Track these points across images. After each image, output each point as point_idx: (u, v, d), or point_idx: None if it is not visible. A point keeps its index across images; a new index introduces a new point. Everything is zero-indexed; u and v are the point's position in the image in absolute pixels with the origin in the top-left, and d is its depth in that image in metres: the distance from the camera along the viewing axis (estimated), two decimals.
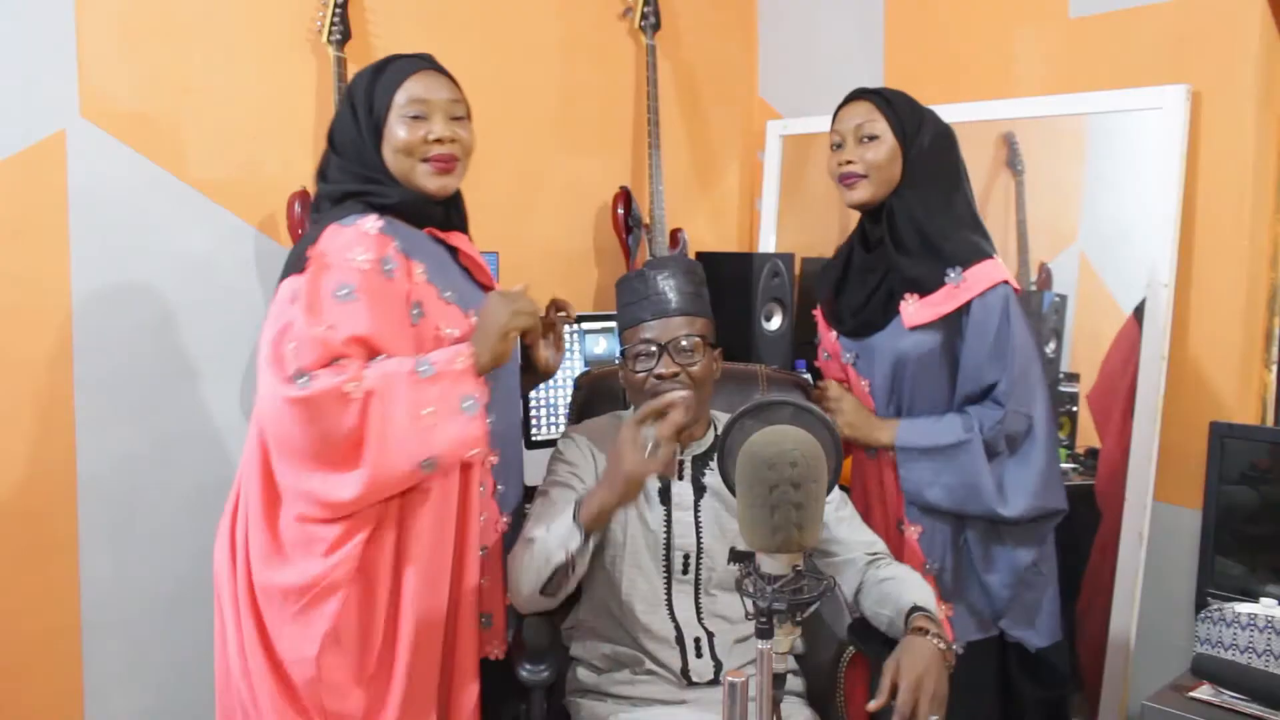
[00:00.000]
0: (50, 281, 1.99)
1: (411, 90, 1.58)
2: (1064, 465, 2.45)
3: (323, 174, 1.65)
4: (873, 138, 1.81)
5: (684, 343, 1.66)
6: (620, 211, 2.76)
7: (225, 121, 2.17)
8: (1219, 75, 2.15)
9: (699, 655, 1.67)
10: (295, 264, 1.51)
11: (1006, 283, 1.78)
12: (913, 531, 1.84)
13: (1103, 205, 2.44)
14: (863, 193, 1.83)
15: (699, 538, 1.69)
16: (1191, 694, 1.82)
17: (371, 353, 1.46)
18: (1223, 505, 2.03)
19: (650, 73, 2.79)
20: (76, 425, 2.02)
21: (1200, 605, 2.00)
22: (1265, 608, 1.85)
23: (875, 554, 1.72)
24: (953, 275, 1.77)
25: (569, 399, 2.10)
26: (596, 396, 1.99)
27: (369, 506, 1.46)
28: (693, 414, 1.66)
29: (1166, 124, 2.16)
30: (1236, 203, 2.14)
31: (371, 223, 1.50)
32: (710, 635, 1.68)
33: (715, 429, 1.78)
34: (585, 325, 2.52)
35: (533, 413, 2.42)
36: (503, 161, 2.61)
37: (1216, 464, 2.03)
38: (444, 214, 1.66)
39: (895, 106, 1.82)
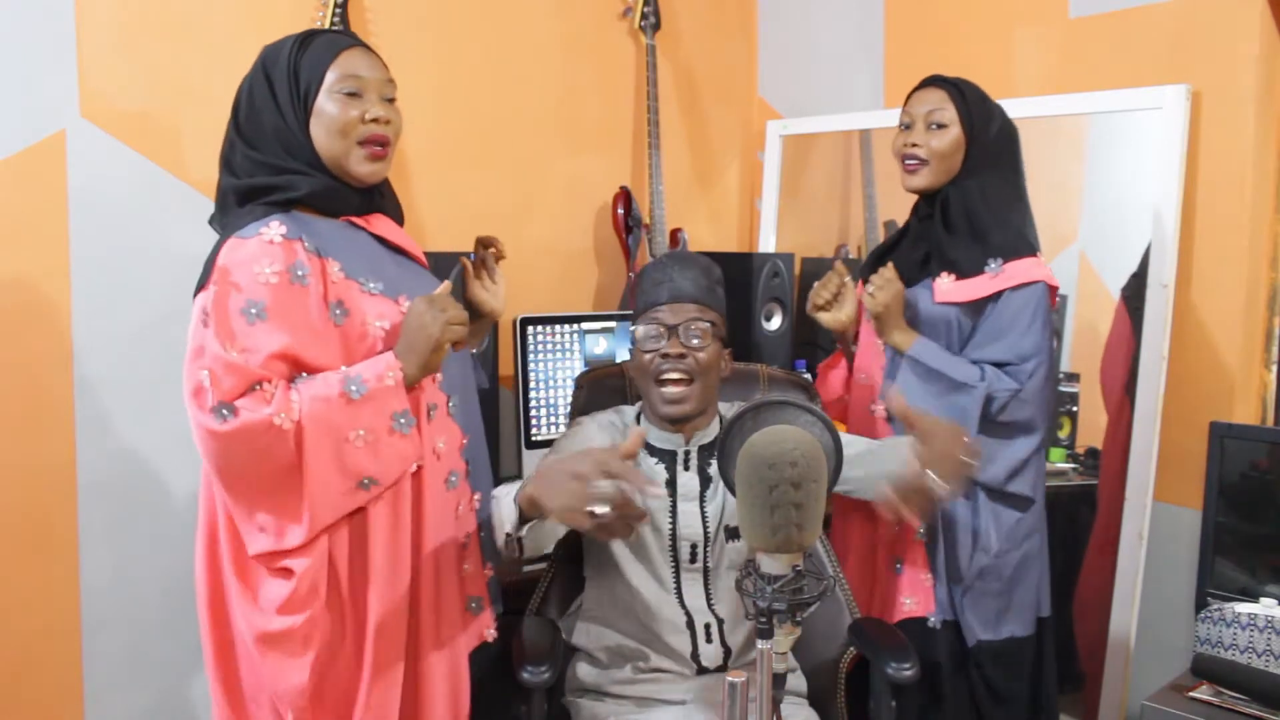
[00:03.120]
0: (50, 281, 1.99)
1: (346, 66, 1.47)
2: (1063, 465, 2.45)
3: (228, 164, 1.51)
4: (941, 125, 1.86)
5: (694, 327, 1.68)
6: (620, 211, 2.76)
7: (225, 121, 2.17)
8: (1219, 75, 2.15)
9: (709, 640, 1.69)
10: (202, 280, 1.42)
11: (1044, 282, 1.81)
12: None
13: (1103, 205, 2.44)
14: (922, 179, 1.89)
15: (705, 526, 1.70)
16: (1191, 694, 1.82)
17: (294, 366, 1.39)
18: (1223, 505, 2.03)
19: (650, 73, 2.79)
20: (76, 425, 2.02)
21: (1200, 605, 2.00)
22: (1265, 608, 1.85)
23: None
24: (993, 265, 1.82)
25: (569, 399, 2.10)
26: (597, 396, 1.98)
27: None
28: (697, 404, 1.69)
29: (1166, 124, 2.16)
30: (1236, 203, 2.14)
31: (274, 229, 1.40)
32: (720, 622, 1.70)
33: (721, 420, 1.78)
34: (585, 325, 2.52)
35: (532, 413, 2.42)
36: (503, 161, 2.61)
37: (1216, 464, 2.04)
38: (362, 200, 1.54)
39: (967, 98, 1.87)
